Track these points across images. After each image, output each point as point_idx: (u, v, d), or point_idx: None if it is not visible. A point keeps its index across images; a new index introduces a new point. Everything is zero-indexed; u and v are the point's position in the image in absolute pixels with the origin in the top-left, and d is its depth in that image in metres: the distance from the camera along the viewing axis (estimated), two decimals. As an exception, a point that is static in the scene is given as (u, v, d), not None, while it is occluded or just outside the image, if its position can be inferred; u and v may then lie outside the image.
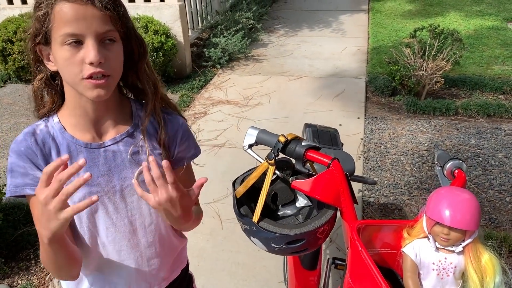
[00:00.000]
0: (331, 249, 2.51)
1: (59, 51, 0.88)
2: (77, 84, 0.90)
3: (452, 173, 1.42)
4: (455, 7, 6.63)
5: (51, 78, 1.00)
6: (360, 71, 4.86)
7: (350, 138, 3.54)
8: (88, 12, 0.86)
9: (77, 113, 0.99)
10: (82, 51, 0.87)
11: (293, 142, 1.25)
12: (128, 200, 1.05)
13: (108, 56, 0.90)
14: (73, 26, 0.86)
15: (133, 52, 0.99)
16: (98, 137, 1.02)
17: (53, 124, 1.01)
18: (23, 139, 0.98)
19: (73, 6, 0.85)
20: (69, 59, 0.88)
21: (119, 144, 1.03)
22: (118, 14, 0.91)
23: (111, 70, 0.91)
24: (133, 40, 0.98)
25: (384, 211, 2.83)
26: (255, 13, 6.11)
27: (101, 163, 1.01)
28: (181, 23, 4.65)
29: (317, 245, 1.24)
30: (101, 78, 0.90)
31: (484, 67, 4.69)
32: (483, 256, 1.18)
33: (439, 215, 1.17)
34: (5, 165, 3.46)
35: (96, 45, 0.87)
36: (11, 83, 4.98)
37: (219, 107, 4.23)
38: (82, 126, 1.00)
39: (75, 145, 0.99)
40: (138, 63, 1.01)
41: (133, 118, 1.06)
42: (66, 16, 0.85)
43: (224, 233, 2.67)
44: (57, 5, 0.86)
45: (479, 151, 3.36)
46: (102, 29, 0.88)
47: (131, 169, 1.03)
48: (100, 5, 0.86)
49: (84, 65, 0.88)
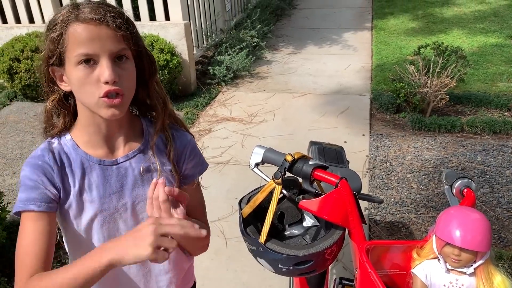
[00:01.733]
0: (338, 269, 2.48)
1: (73, 71, 0.90)
2: (92, 103, 0.92)
3: (461, 192, 1.39)
4: (458, 24, 6.66)
5: (64, 98, 1.01)
6: (364, 88, 4.86)
7: (355, 155, 3.52)
8: (102, 32, 0.88)
9: (90, 131, 1.00)
10: (97, 71, 0.89)
11: (300, 161, 1.24)
12: (139, 217, 1.06)
13: (122, 74, 0.91)
14: (87, 47, 0.87)
15: (143, 69, 1.01)
16: (111, 154, 1.02)
17: (66, 141, 1.01)
18: (41, 154, 0.98)
19: (88, 27, 0.87)
20: (84, 79, 0.89)
21: (131, 161, 1.04)
22: (131, 33, 0.93)
23: (125, 89, 0.93)
24: (144, 58, 1.00)
25: (391, 230, 2.79)
26: (259, 31, 6.16)
27: (113, 180, 1.02)
28: (186, 42, 4.69)
29: (325, 266, 1.22)
30: (115, 97, 0.91)
31: (489, 84, 4.69)
32: (495, 278, 1.16)
33: (450, 236, 1.14)
34: (10, 183, 3.46)
35: (110, 64, 0.89)
36: (17, 100, 5.01)
37: (224, 124, 4.23)
38: (95, 142, 1.01)
39: (89, 162, 1.00)
40: (148, 81, 1.03)
41: (143, 134, 1.07)
42: (81, 36, 0.87)
43: (229, 252, 2.64)
44: (71, 26, 0.88)
45: (485, 168, 3.33)
46: (115, 48, 0.90)
47: (143, 186, 1.04)
48: (113, 25, 0.89)
49: (99, 84, 0.89)
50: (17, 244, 0.95)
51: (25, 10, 5.16)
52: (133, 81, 0.96)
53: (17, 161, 3.77)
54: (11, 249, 2.53)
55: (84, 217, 1.00)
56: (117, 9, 0.93)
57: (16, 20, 5.25)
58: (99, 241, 1.03)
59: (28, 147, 3.99)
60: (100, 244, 0.90)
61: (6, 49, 4.66)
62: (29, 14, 5.17)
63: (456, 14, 7.19)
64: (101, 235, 1.03)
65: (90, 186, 1.00)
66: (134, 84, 0.96)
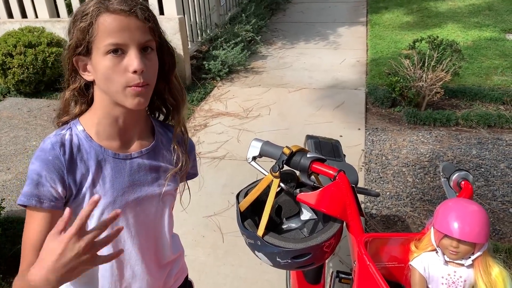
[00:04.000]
0: (334, 262, 2.48)
1: (102, 61, 0.91)
2: (119, 92, 0.93)
3: (459, 185, 1.40)
4: (453, 18, 6.67)
5: (85, 88, 1.02)
6: (359, 83, 4.86)
7: (351, 149, 3.52)
8: (131, 23, 0.91)
9: (106, 122, 1.00)
10: (125, 60, 0.91)
11: (298, 154, 1.24)
12: (147, 212, 1.07)
13: (148, 65, 0.93)
14: (117, 36, 0.90)
15: (164, 63, 1.03)
16: (124, 147, 1.03)
17: (78, 132, 1.00)
18: (52, 147, 0.95)
19: (117, 17, 0.90)
20: (112, 68, 0.91)
21: (144, 157, 1.05)
22: (156, 26, 0.97)
23: (150, 78, 0.95)
24: (165, 51, 1.02)
25: (386, 223, 2.80)
26: (254, 25, 6.13)
27: (126, 174, 1.03)
28: (180, 36, 4.66)
29: (323, 259, 1.21)
30: (142, 86, 0.93)
31: (484, 78, 4.70)
32: (493, 269, 1.16)
33: (448, 228, 1.14)
34: (4, 179, 3.43)
35: (138, 54, 0.91)
36: (10, 96, 4.96)
37: (219, 119, 4.22)
38: (109, 135, 1.01)
39: (103, 154, 1.00)
40: (169, 74, 1.05)
41: (154, 133, 1.10)
42: (111, 26, 0.89)
43: (226, 247, 2.63)
44: (101, 16, 0.90)
45: (480, 161, 3.34)
46: (143, 39, 0.92)
47: (152, 182, 1.06)
48: (142, 17, 0.92)
49: (127, 73, 0.91)
50: (22, 234, 0.97)
51: (18, 5, 5.11)
52: (155, 72, 0.98)
53: (11, 157, 3.74)
54: (6, 245, 2.51)
55: (96, 210, 0.99)
56: (143, 1, 0.96)
57: (8, 15, 5.19)
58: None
59: (22, 143, 3.95)
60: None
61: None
62: (21, 9, 5.12)
63: (450, 8, 7.20)
64: (111, 228, 1.02)
65: (104, 179, 1.00)
66: (156, 75, 0.99)
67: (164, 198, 1.09)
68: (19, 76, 4.57)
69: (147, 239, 1.08)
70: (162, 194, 1.08)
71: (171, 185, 1.10)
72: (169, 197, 1.11)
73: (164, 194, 1.08)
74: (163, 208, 1.10)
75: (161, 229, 1.11)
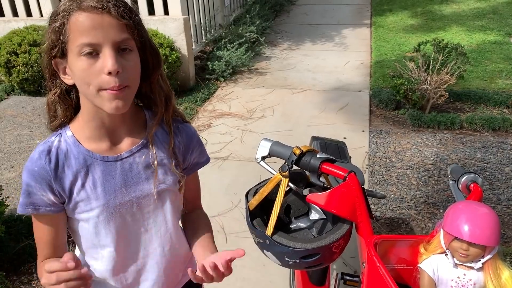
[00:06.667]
0: (338, 264, 2.47)
1: (76, 62, 0.87)
2: (95, 96, 0.88)
3: (468, 187, 1.39)
4: (457, 21, 6.66)
5: (66, 92, 0.98)
6: (363, 85, 4.85)
7: (355, 152, 3.51)
8: (104, 21, 0.85)
9: (92, 125, 0.97)
10: (99, 61, 0.86)
11: (308, 154, 1.23)
12: (145, 211, 1.05)
13: (126, 65, 0.88)
14: (90, 36, 0.84)
15: (147, 62, 0.97)
16: (114, 148, 1.00)
17: (67, 138, 0.99)
18: (38, 157, 0.96)
19: (89, 15, 0.84)
20: (86, 70, 0.86)
21: (135, 156, 1.02)
22: (134, 23, 0.90)
23: (129, 80, 0.89)
24: (148, 50, 0.97)
25: (390, 226, 2.79)
26: (258, 27, 6.13)
27: (118, 175, 1.00)
28: (185, 36, 4.66)
29: (332, 259, 1.21)
30: (119, 89, 0.88)
31: (488, 81, 4.69)
32: (503, 273, 1.15)
33: (458, 230, 1.14)
34: (8, 177, 3.43)
35: (113, 53, 0.85)
36: (14, 94, 4.97)
37: (223, 119, 4.21)
38: (97, 137, 0.98)
39: (92, 159, 0.98)
40: (152, 74, 1.00)
41: (146, 128, 1.05)
42: (83, 25, 0.84)
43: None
44: (73, 15, 0.85)
45: (485, 165, 3.33)
46: (118, 37, 0.86)
47: (147, 180, 1.03)
48: (116, 14, 0.85)
49: (102, 76, 0.86)
50: (36, 238, 1.04)
51: (23, 3, 5.11)
52: (137, 73, 0.93)
53: (14, 155, 3.74)
54: (10, 243, 2.51)
55: (90, 214, 0.99)
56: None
57: (13, 13, 5.19)
58: (107, 236, 1.02)
59: (25, 141, 3.95)
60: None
61: (4, 42, 4.61)
62: (26, 7, 5.12)
63: (455, 11, 7.19)
64: (108, 230, 1.02)
65: (95, 183, 0.98)
66: (138, 76, 0.94)
67: (162, 195, 1.05)
68: (23, 75, 4.58)
69: (146, 235, 1.07)
70: (160, 191, 1.04)
71: (169, 180, 1.05)
72: (169, 193, 1.07)
73: (161, 190, 1.04)
74: (163, 205, 1.07)
75: (163, 226, 1.09)
